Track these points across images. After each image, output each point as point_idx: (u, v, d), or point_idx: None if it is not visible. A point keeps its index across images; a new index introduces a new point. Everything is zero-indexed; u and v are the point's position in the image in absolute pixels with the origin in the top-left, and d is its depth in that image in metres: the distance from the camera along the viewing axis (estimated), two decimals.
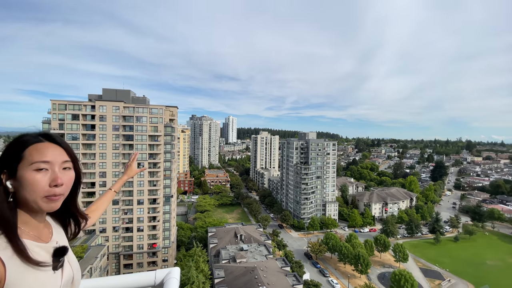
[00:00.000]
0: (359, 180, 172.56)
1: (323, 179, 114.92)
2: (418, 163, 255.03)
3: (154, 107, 68.29)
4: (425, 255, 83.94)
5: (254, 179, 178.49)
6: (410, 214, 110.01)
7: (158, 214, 68.67)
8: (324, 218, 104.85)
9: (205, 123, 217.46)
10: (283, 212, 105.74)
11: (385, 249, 78.84)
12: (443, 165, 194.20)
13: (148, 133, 67.00)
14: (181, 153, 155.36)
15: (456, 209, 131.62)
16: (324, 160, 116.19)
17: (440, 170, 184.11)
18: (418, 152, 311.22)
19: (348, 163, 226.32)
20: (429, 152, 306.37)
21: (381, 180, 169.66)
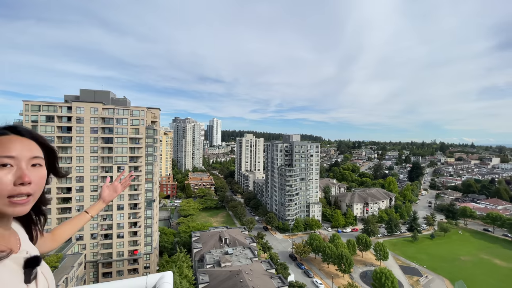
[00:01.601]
0: (341, 181, 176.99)
1: (307, 181, 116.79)
2: (396, 164, 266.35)
3: (135, 108, 66.52)
4: (404, 253, 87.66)
5: (239, 181, 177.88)
6: (389, 213, 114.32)
7: (140, 219, 66.55)
8: (308, 219, 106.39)
9: (189, 126, 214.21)
10: (268, 214, 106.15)
11: (366, 248, 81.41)
12: (419, 166, 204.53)
13: (129, 136, 65.06)
14: (163, 156, 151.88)
15: (431, 207, 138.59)
16: (308, 162, 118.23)
17: (417, 171, 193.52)
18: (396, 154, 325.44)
19: (331, 165, 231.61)
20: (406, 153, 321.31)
21: (362, 181, 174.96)
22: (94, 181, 62.62)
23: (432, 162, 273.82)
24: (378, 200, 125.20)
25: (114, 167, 64.04)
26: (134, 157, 66.22)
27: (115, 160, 64.26)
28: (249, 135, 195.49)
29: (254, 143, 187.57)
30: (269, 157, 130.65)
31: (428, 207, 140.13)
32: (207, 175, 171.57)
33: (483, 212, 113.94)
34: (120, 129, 64.60)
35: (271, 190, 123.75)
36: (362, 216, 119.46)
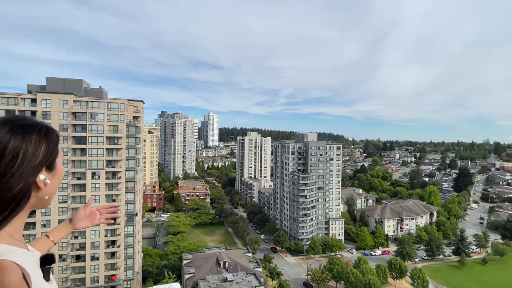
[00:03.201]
0: (369, 191, 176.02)
1: (326, 191, 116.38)
2: (438, 170, 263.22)
3: (114, 101, 67.35)
4: (449, 282, 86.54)
5: (240, 191, 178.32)
6: (430, 232, 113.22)
7: (119, 237, 67.31)
8: (327, 239, 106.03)
9: (179, 122, 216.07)
10: (277, 232, 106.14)
11: (401, 276, 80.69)
12: (468, 172, 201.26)
13: (105, 135, 65.94)
14: (147, 159, 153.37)
15: (483, 225, 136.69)
16: (327, 167, 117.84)
17: (465, 179, 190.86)
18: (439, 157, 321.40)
19: (356, 171, 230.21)
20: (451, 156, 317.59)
21: (395, 191, 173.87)
22: (64, 190, 63.57)
23: (484, 167, 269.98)
24: (416, 215, 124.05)
25: (87, 173, 64.87)
26: (112, 160, 67.01)
27: (89, 165, 65.09)
28: (253, 134, 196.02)
29: (260, 144, 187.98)
30: (278, 161, 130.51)
31: (479, 224, 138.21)
32: (201, 183, 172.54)
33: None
34: (95, 126, 65.45)
35: (280, 202, 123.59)
36: (395, 235, 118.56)
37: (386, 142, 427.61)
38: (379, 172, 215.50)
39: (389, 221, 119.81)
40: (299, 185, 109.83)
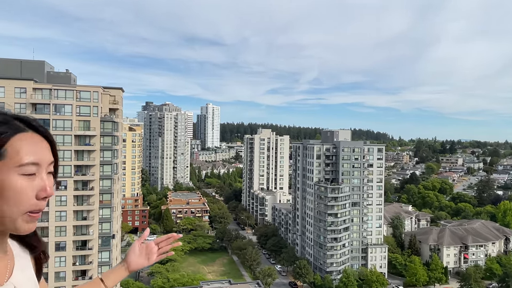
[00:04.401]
0: (422, 208, 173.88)
1: (363, 207, 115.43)
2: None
3: (85, 88, 68.27)
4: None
5: (249, 207, 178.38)
6: (505, 263, 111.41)
7: (91, 266, 68.33)
8: (365, 272, 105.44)
9: (168, 116, 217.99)
10: (297, 262, 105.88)
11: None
12: None
13: (74, 132, 66.80)
14: (128, 165, 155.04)
15: None
16: (365, 175, 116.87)
17: None
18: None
19: (404, 181, 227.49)
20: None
21: (457, 208, 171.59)
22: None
23: None
24: (486, 240, 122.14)
25: None
26: (82, 166, 67.98)
27: None
28: (266, 131, 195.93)
29: (274, 144, 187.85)
30: (298, 167, 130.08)
31: None
32: (197, 196, 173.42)
33: None
34: (60, 121, 66.22)
35: (302, 222, 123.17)
36: (457, 268, 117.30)
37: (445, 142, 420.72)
38: (436, 183, 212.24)
39: (449, 249, 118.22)
40: (327, 200, 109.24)
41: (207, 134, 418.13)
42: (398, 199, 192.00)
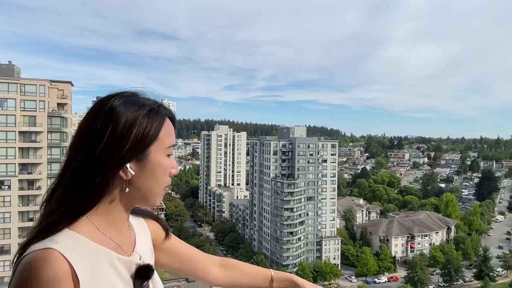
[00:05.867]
0: (372, 201, 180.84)
1: (317, 201, 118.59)
2: (457, 174, 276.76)
3: (30, 82, 65.39)
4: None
5: (206, 204, 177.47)
6: (447, 251, 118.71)
7: None
8: (320, 264, 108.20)
9: None
10: (255, 257, 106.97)
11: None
12: (493, 176, 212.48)
13: (18, 128, 63.90)
14: None
15: (511, 241, 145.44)
16: (319, 170, 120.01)
17: (489, 184, 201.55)
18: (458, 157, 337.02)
19: (355, 175, 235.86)
20: (472, 156, 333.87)
21: (405, 200, 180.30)
22: None
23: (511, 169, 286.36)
24: (430, 230, 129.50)
25: None
26: (27, 164, 64.94)
27: None
28: (223, 127, 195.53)
29: (232, 141, 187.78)
30: (255, 164, 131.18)
31: (506, 241, 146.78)
32: None
33: None
34: (2, 116, 63.26)
35: (259, 218, 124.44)
36: (404, 257, 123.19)
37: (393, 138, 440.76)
38: (385, 177, 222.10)
39: (397, 239, 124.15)
40: (283, 195, 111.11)
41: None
42: (350, 193, 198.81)
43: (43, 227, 1.37)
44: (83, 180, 1.42)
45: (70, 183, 1.43)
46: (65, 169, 1.47)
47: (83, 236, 1.40)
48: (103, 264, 1.43)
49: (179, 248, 2.14)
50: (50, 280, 1.22)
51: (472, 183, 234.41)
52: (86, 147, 1.43)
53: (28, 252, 1.30)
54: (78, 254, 1.33)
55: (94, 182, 1.43)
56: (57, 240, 1.33)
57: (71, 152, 1.48)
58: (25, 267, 1.25)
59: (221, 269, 2.26)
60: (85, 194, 1.44)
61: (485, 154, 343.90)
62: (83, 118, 1.53)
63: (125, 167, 1.48)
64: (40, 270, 1.22)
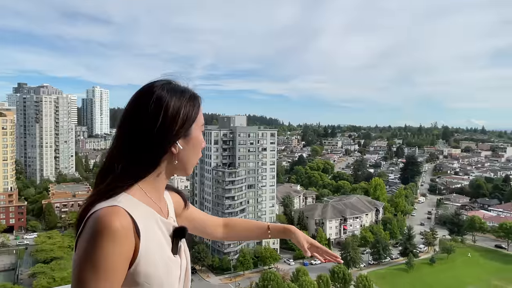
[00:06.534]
0: (308, 187, 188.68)
1: (258, 189, 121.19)
2: (384, 159, 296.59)
3: None
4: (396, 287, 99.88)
5: None
6: (376, 232, 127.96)
7: None
8: (260, 250, 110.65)
9: (47, 99, 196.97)
10: (196, 247, 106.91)
11: (345, 285, 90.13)
12: (416, 161, 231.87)
13: None
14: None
15: (431, 220, 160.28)
16: (259, 159, 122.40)
17: (412, 169, 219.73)
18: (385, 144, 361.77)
19: (293, 163, 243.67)
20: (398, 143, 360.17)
21: (338, 185, 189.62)
22: None
23: (432, 155, 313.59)
24: (360, 213, 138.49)
25: None
26: None
27: None
28: None
29: None
30: None
31: (427, 220, 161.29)
32: (85, 188, 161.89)
33: (495, 222, 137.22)
34: None
35: (200, 207, 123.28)
36: (338, 238, 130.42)
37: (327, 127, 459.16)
38: (320, 164, 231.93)
39: (331, 222, 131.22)
40: (225, 184, 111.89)
41: (94, 120, 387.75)
42: (288, 179, 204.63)
43: (105, 191, 1.66)
44: (141, 155, 1.72)
45: (128, 157, 1.73)
46: (119, 146, 1.77)
47: (136, 199, 1.71)
48: (152, 223, 1.72)
49: (194, 214, 2.61)
50: (119, 230, 1.48)
51: (397, 168, 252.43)
52: (142, 127, 1.72)
53: (96, 209, 1.56)
54: (136, 212, 1.61)
55: (152, 156, 1.76)
56: (119, 200, 1.61)
57: (124, 132, 1.78)
58: (98, 220, 1.50)
59: (225, 228, 2.84)
60: (142, 166, 1.75)
61: (409, 141, 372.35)
62: (132, 105, 1.83)
63: (176, 143, 1.81)
64: (111, 221, 1.48)
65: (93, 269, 1.45)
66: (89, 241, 1.47)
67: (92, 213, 1.56)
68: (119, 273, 1.51)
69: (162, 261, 1.69)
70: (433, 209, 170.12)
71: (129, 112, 1.81)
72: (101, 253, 1.45)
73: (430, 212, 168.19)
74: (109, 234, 1.46)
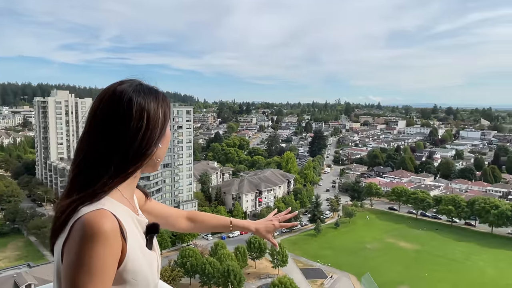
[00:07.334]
0: (225, 163, 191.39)
1: (174, 168, 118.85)
2: (295, 134, 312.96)
3: None
4: (306, 252, 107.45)
5: (46, 180, 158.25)
6: (288, 202, 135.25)
7: None
8: None
9: None
10: None
11: (261, 255, 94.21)
12: (322, 135, 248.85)
13: None
14: None
15: (335, 188, 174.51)
16: (175, 137, 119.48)
17: (319, 142, 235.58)
18: (295, 120, 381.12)
19: (209, 140, 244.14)
20: (307, 119, 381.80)
21: (253, 160, 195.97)
22: None
23: (336, 129, 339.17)
24: (274, 185, 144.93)
25: None
26: None
27: None
28: (63, 93, 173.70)
29: (75, 108, 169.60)
30: None
31: (332, 188, 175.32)
32: None
33: (388, 188, 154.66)
34: None
35: None
36: (254, 211, 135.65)
37: (242, 104, 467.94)
38: (236, 140, 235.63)
39: (248, 196, 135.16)
40: None
41: None
42: (205, 157, 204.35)
43: (89, 195, 1.64)
44: (127, 161, 1.74)
45: (113, 163, 1.71)
46: (98, 151, 1.72)
47: (116, 200, 1.74)
48: (130, 222, 1.76)
49: (156, 208, 2.64)
50: (110, 233, 1.52)
51: (306, 142, 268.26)
52: (127, 135, 1.72)
53: (82, 214, 1.56)
54: (119, 214, 1.65)
55: (137, 161, 1.79)
56: (103, 203, 1.63)
57: (105, 138, 1.72)
58: (88, 225, 1.51)
59: (189, 221, 2.97)
60: (127, 172, 1.77)
61: (316, 117, 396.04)
62: (109, 112, 1.76)
63: (158, 145, 1.87)
64: (102, 224, 1.51)
65: (89, 274, 1.46)
66: (82, 246, 1.47)
67: (78, 218, 1.56)
68: (112, 274, 1.55)
69: (144, 257, 1.76)
70: (337, 178, 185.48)
71: (106, 118, 1.75)
72: (96, 257, 1.46)
73: (334, 181, 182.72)
74: (101, 238, 1.48)
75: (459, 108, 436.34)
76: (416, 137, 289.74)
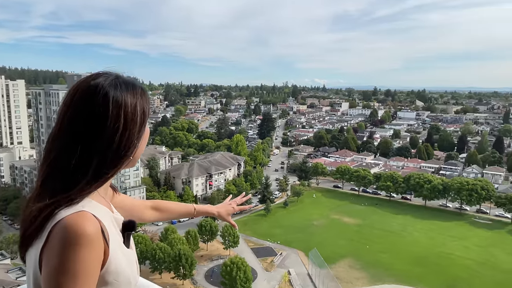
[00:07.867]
0: (174, 147, 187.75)
1: None
2: (244, 117, 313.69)
3: None
4: (256, 231, 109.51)
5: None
6: (238, 184, 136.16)
7: None
8: None
9: None
10: None
11: (212, 237, 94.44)
12: (271, 117, 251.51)
13: None
14: None
15: (284, 169, 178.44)
16: None
17: (268, 124, 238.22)
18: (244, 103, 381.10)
19: (156, 124, 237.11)
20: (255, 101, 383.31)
21: (203, 144, 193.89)
22: None
23: (284, 111, 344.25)
24: (225, 168, 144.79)
25: None
26: None
27: None
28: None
29: (5, 91, 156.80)
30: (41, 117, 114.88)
31: (281, 169, 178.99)
32: None
33: (333, 167, 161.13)
34: None
35: None
36: (205, 194, 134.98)
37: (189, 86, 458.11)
38: (184, 124, 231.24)
39: (198, 180, 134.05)
40: None
41: None
42: (152, 141, 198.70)
43: (62, 200, 1.53)
44: (106, 161, 1.64)
45: (91, 164, 1.60)
46: (72, 150, 1.58)
47: (94, 201, 1.67)
48: (109, 222, 1.69)
49: (123, 201, 2.53)
50: (93, 235, 1.46)
51: (255, 125, 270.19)
52: (106, 134, 1.61)
53: (62, 217, 1.47)
54: (99, 215, 1.58)
55: (117, 161, 1.70)
56: (83, 204, 1.55)
57: (79, 137, 1.59)
58: (69, 228, 1.44)
59: (154, 211, 2.96)
60: (106, 174, 1.69)
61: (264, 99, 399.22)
62: (84, 108, 1.62)
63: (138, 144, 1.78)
64: (84, 227, 1.45)
65: (74, 279, 1.40)
66: (64, 251, 1.41)
67: (57, 221, 1.47)
68: (96, 277, 1.50)
69: (124, 257, 1.71)
70: (286, 159, 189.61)
71: (80, 116, 1.62)
72: (80, 261, 1.41)
73: (283, 162, 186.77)
74: (85, 241, 1.43)
75: (396, 90, 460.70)
76: (358, 118, 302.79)
